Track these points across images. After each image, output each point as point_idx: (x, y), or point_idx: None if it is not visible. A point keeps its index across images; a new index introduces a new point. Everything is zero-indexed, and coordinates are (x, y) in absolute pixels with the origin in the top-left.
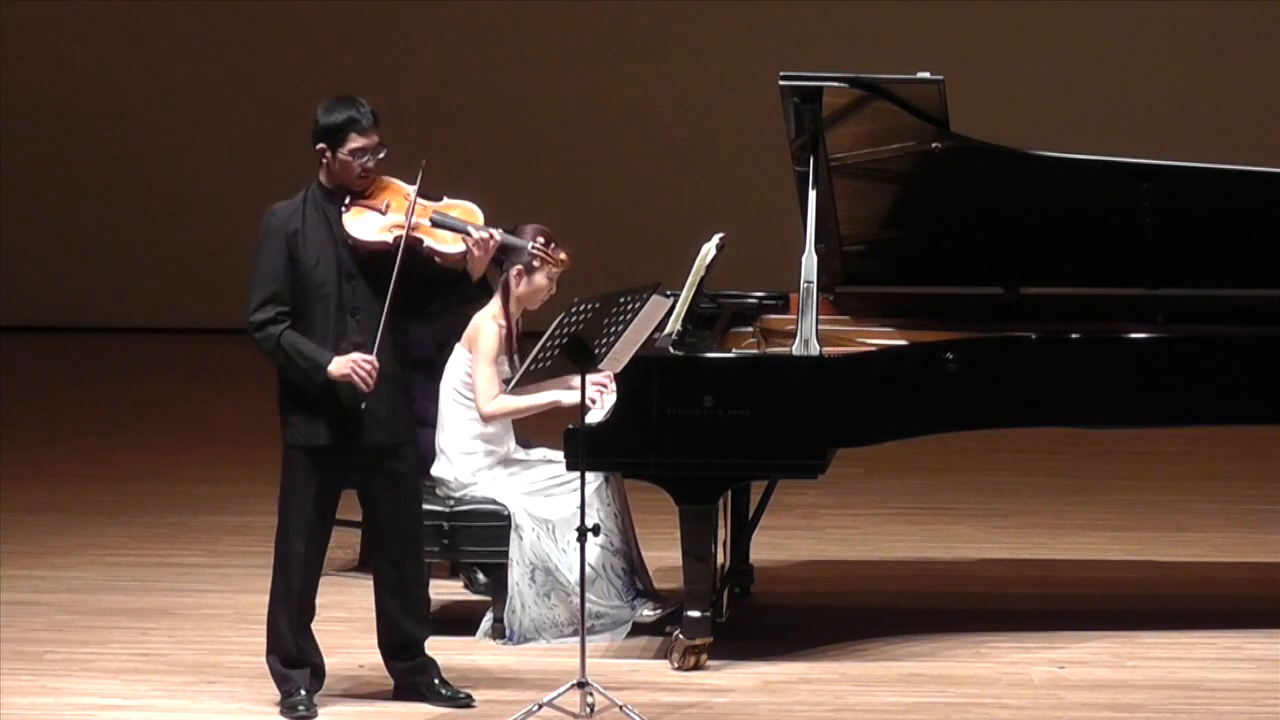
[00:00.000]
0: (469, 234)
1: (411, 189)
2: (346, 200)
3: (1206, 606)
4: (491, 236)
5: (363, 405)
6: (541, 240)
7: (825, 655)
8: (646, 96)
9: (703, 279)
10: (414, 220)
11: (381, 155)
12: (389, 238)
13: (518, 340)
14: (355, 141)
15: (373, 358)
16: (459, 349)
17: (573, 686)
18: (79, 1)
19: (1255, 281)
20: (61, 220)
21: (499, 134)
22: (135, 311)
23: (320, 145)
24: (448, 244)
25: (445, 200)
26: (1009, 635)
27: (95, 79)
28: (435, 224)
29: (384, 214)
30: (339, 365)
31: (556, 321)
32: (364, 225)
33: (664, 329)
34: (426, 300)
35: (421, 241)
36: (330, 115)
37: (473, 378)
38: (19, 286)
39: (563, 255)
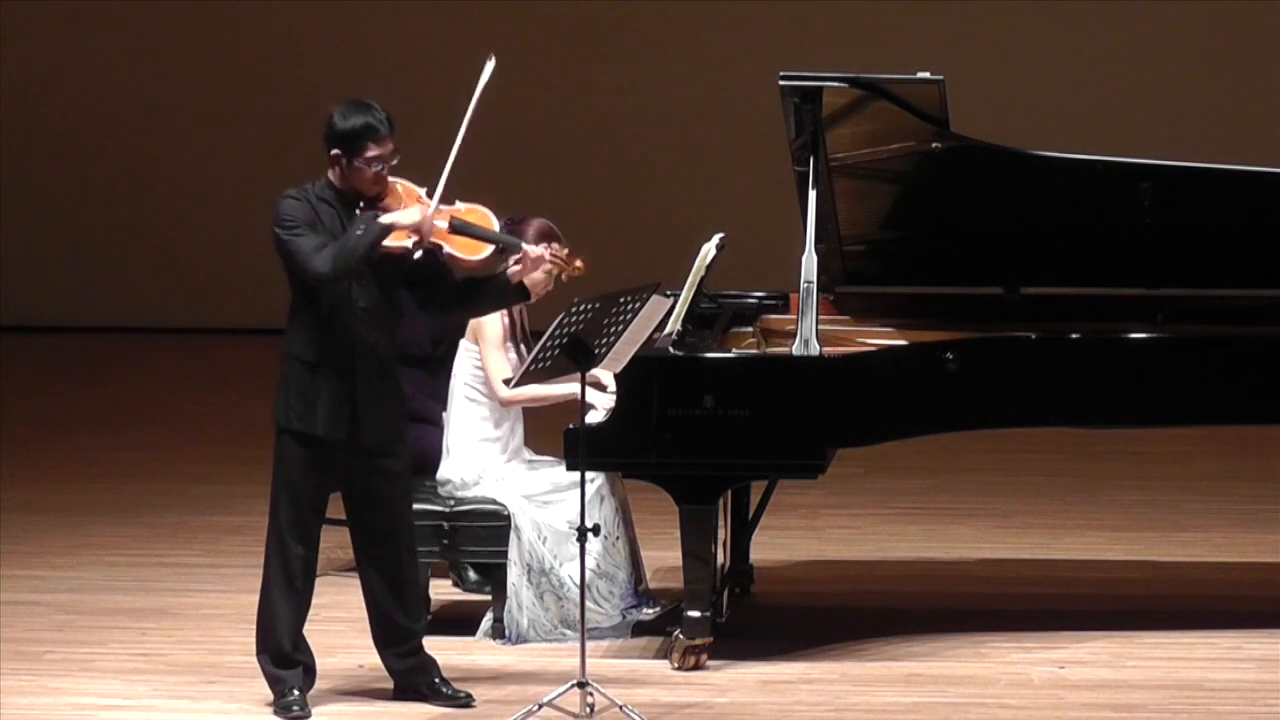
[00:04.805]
0: (519, 250)
1: (421, 190)
2: (360, 205)
3: (1206, 606)
4: (540, 256)
5: (416, 255)
6: (553, 243)
7: (825, 655)
8: (646, 97)
9: (703, 279)
10: (435, 225)
11: (394, 162)
12: (408, 243)
13: (521, 330)
14: (372, 150)
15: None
16: (464, 344)
17: (573, 686)
18: (80, 2)
19: (1255, 281)
20: (61, 220)
21: (498, 134)
22: (135, 311)
23: (335, 151)
24: (466, 251)
25: (458, 204)
26: (1009, 635)
27: (95, 79)
28: (454, 229)
29: None
30: (410, 213)
31: (556, 321)
32: None
33: (664, 329)
34: (430, 298)
35: (441, 248)
36: (347, 121)
37: (484, 368)
38: (19, 286)
39: (579, 263)
